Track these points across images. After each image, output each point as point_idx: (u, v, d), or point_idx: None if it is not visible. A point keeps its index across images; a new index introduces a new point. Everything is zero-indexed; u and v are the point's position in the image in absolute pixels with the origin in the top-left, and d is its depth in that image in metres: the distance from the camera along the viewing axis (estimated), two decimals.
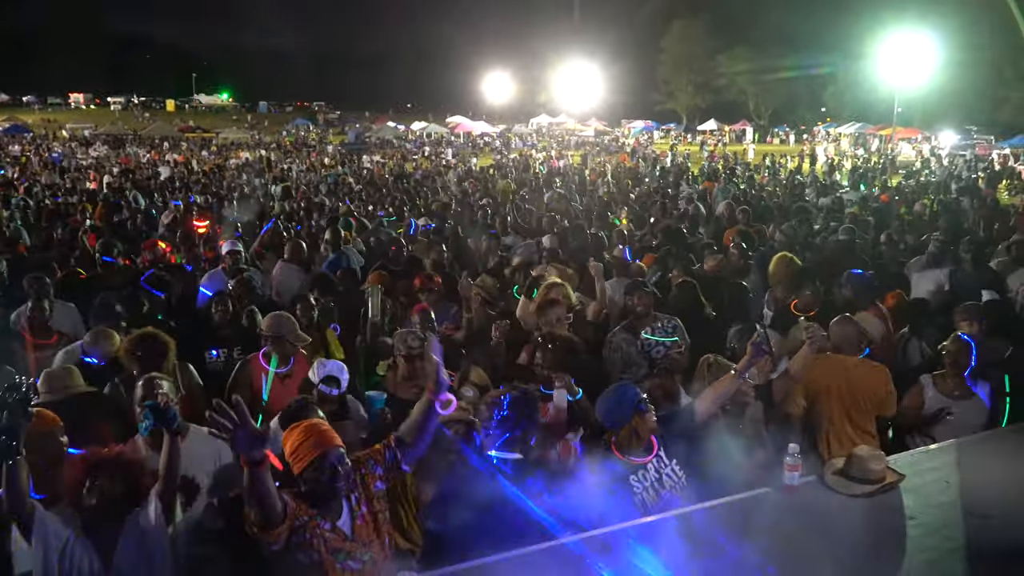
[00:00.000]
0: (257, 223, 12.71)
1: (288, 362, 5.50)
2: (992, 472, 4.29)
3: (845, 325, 5.40)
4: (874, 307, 6.68)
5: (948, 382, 5.37)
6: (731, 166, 32.65)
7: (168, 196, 20.12)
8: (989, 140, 45.68)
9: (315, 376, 4.82)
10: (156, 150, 49.11)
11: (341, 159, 41.09)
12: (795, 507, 3.92)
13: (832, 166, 33.41)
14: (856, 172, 30.16)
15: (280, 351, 5.48)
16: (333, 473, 3.20)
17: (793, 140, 65.18)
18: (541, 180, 24.51)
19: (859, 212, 13.75)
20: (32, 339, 5.91)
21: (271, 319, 5.58)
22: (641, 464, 4.11)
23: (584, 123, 72.78)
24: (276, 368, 5.45)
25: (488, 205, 15.02)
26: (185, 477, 3.96)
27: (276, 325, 5.50)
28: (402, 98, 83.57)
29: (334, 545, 3.20)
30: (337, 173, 29.56)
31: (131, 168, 32.30)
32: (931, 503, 3.90)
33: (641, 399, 4.15)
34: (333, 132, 72.85)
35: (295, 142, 59.47)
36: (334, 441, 3.29)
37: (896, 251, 10.03)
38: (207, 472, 4.20)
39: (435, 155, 47.17)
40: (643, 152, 46.96)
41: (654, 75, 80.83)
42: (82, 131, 65.50)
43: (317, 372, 4.83)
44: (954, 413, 5.22)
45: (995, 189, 23.54)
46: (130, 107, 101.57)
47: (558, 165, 35.02)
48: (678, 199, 16.84)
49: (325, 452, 3.22)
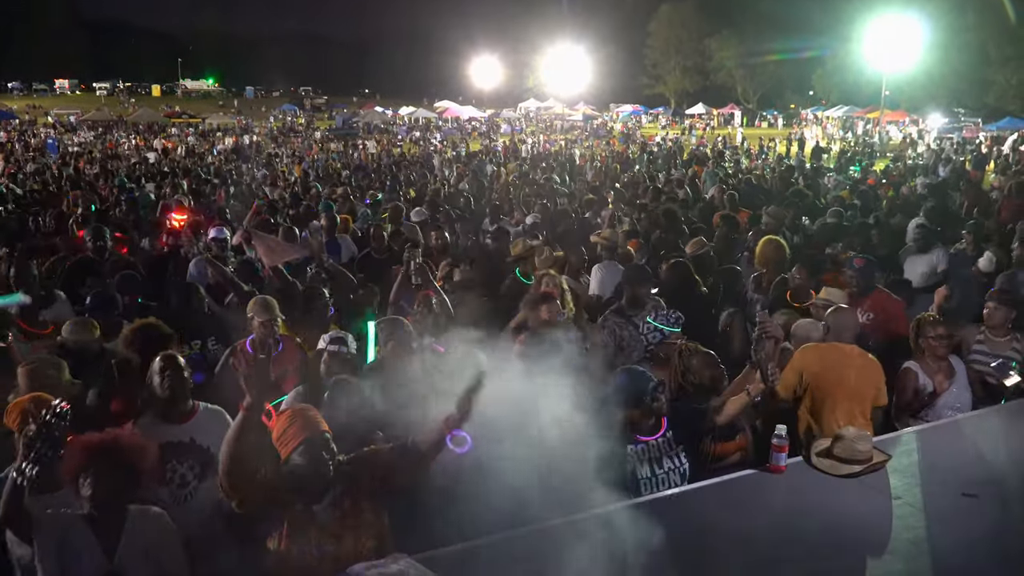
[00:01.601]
0: (246, 210, 12.66)
1: (277, 347, 5.47)
2: (976, 452, 4.37)
3: (843, 315, 5.24)
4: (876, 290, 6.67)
5: (931, 365, 5.41)
6: (719, 150, 32.69)
7: (160, 182, 19.92)
8: (976, 123, 45.87)
9: (324, 343, 4.94)
10: (142, 136, 48.78)
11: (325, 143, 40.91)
12: (782, 487, 3.98)
13: (819, 149, 33.48)
14: (844, 155, 30.27)
15: (268, 335, 5.43)
16: (316, 459, 3.26)
17: (781, 124, 65.24)
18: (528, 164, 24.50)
19: (848, 196, 13.80)
20: (28, 329, 5.88)
21: (257, 303, 5.53)
22: (643, 441, 4.16)
23: (572, 108, 72.60)
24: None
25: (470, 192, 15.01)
26: (199, 447, 4.12)
27: (263, 309, 5.49)
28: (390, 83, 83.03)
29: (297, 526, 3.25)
30: (322, 159, 29.42)
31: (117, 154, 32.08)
32: (916, 483, 3.97)
33: (657, 384, 4.19)
34: (319, 118, 72.42)
35: (282, 127, 59.14)
36: (320, 427, 3.34)
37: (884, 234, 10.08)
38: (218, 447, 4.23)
39: (423, 140, 47.03)
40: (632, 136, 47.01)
41: (642, 59, 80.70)
42: (67, 117, 64.78)
43: (326, 338, 4.96)
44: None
45: (982, 171, 23.67)
46: (116, 92, 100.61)
47: (548, 149, 35.01)
48: (670, 183, 16.87)
49: (310, 437, 3.28)
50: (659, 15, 77.59)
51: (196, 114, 70.42)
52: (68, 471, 3.34)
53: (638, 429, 4.17)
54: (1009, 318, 5.77)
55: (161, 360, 4.21)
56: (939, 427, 4.89)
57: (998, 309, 5.78)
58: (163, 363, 4.18)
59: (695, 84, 78.72)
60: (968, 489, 3.82)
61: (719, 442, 4.50)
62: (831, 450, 4.15)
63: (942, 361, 5.43)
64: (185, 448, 4.12)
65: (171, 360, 4.22)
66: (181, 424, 4.18)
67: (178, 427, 4.16)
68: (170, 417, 4.18)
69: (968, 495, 3.78)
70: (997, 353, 5.65)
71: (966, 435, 4.66)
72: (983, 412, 5.13)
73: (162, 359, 4.22)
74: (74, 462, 3.32)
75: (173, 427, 4.15)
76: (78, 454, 3.33)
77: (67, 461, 3.31)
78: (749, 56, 68.44)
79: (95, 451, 3.35)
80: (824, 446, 4.23)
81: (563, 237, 9.17)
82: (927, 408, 5.34)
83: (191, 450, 4.13)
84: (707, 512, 3.77)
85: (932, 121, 48.22)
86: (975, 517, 3.65)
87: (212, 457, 4.01)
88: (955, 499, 3.78)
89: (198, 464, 4.11)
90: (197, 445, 4.14)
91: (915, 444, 4.47)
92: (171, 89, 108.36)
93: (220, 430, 4.05)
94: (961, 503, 3.74)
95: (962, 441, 4.55)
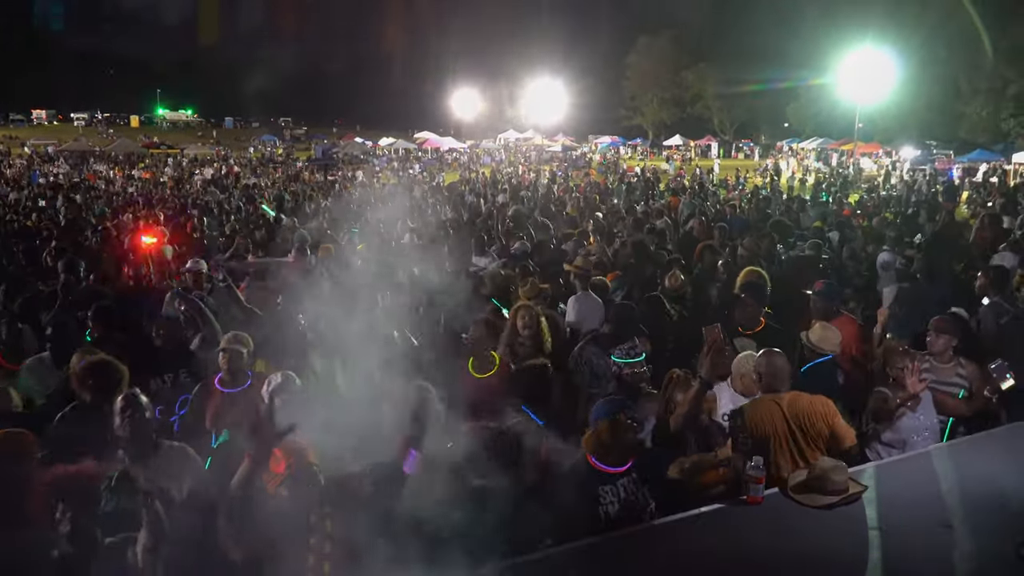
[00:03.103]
0: (223, 239, 12.61)
1: (245, 381, 5.43)
2: (954, 483, 4.37)
3: (773, 358, 4.87)
4: (842, 315, 6.72)
5: (902, 392, 5.31)
6: (698, 180, 33.01)
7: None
8: (948, 155, 46.63)
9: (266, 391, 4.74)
10: (120, 167, 48.54)
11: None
12: (759, 519, 3.96)
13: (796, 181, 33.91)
14: (819, 186, 30.67)
15: (236, 368, 5.42)
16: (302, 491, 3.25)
17: (758, 155, 66.01)
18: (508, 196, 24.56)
19: (821, 225, 13.94)
20: (6, 364, 5.82)
21: (229, 339, 5.51)
22: (610, 474, 4.13)
23: (552, 139, 73.13)
24: (230, 388, 5.37)
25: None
26: (161, 488, 3.96)
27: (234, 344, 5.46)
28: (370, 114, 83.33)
29: None
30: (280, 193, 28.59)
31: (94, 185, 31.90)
32: (894, 514, 3.97)
33: (625, 408, 4.20)
34: (299, 148, 72.44)
35: (261, 158, 59.09)
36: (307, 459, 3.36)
37: (860, 265, 10.19)
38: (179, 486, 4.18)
39: (402, 170, 47.13)
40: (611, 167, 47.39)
41: (620, 91, 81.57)
42: (44, 147, 64.39)
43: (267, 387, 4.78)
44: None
45: (955, 203, 23.98)
46: (94, 123, 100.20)
47: (527, 180, 35.18)
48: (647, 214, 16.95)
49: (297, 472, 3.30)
50: (637, 48, 78.54)
51: (175, 144, 70.26)
52: (38, 507, 3.24)
53: (604, 455, 4.14)
54: (950, 345, 5.78)
55: (122, 400, 4.16)
56: (915, 457, 4.90)
57: (939, 337, 5.79)
58: (124, 403, 4.14)
59: (672, 116, 79.57)
60: (945, 520, 3.82)
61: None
62: (808, 481, 4.14)
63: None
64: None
65: (132, 400, 4.16)
66: (144, 462, 4.10)
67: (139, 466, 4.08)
68: (133, 456, 4.11)
69: (945, 526, 3.78)
70: (943, 380, 5.67)
71: (942, 466, 4.66)
72: (958, 443, 5.16)
73: (123, 399, 4.17)
74: (44, 497, 3.23)
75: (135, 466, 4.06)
76: (48, 488, 3.25)
77: (37, 497, 3.24)
78: (726, 88, 69.33)
79: (66, 484, 3.28)
80: (801, 478, 4.22)
81: (543, 267, 9.18)
82: (889, 426, 5.26)
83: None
84: (684, 544, 3.74)
85: (905, 153, 49.00)
86: (952, 548, 3.65)
87: (172, 498, 3.99)
88: (932, 530, 3.78)
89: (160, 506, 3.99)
90: (156, 486, 4.03)
91: (892, 475, 4.47)
92: (149, 120, 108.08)
93: (182, 469, 4.00)
94: (938, 534, 3.74)
95: (938, 472, 4.55)
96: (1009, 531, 3.67)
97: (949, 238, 11.70)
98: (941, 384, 5.64)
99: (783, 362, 4.89)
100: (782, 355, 4.95)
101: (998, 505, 4.01)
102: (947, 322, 5.95)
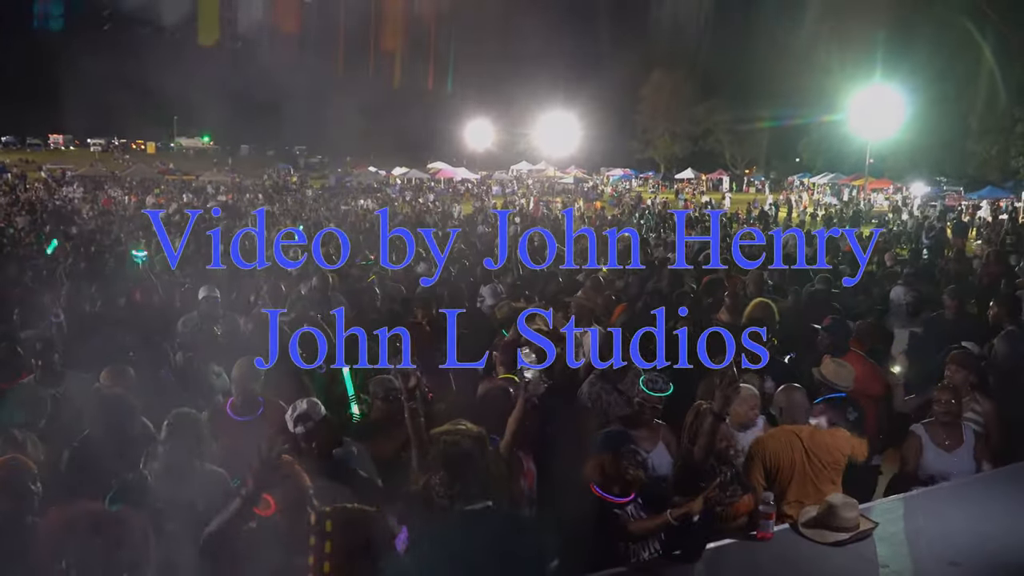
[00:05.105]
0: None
1: (256, 410, 5.39)
2: (962, 521, 4.36)
3: (792, 392, 5.04)
4: (851, 353, 6.69)
5: (940, 431, 5.26)
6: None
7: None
8: (958, 191, 46.67)
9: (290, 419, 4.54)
10: (134, 192, 48.93)
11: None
12: (769, 556, 3.96)
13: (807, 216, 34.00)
14: (831, 221, 30.72)
15: (247, 398, 5.38)
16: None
17: (768, 189, 66.14)
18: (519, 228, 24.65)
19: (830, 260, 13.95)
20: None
21: (239, 366, 5.48)
22: (617, 504, 4.13)
23: (564, 170, 73.46)
24: (243, 416, 5.31)
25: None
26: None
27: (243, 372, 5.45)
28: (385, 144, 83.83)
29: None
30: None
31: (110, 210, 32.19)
32: (903, 551, 3.96)
33: (626, 440, 4.21)
34: (313, 176, 72.91)
35: (275, 186, 59.45)
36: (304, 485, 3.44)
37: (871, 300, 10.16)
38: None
39: (416, 200, 47.37)
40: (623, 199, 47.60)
41: (632, 124, 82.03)
42: (61, 172, 65.02)
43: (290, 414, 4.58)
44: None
45: (964, 239, 23.97)
46: (110, 149, 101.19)
47: (540, 212, 35.31)
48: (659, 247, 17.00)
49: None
50: (650, 82, 79.04)
51: (190, 171, 70.77)
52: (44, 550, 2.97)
53: (608, 486, 4.15)
54: (968, 380, 5.75)
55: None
56: (926, 494, 4.89)
57: (959, 371, 5.77)
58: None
59: (684, 149, 79.87)
60: (955, 558, 3.81)
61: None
62: (818, 518, 4.14)
63: (950, 428, 5.28)
64: None
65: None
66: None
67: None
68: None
69: (955, 564, 3.77)
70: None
71: (954, 502, 4.65)
72: (970, 479, 5.12)
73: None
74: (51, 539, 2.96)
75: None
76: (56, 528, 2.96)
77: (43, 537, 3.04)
78: (737, 123, 69.64)
79: (76, 524, 2.93)
80: (811, 514, 4.22)
81: (554, 298, 9.19)
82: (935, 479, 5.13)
83: None
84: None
85: (915, 189, 49.04)
86: None
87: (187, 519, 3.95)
88: (943, 568, 3.77)
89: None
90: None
91: (902, 511, 4.46)
92: (166, 146, 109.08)
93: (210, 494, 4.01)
94: (948, 572, 3.73)
95: (950, 509, 4.54)
96: (1017, 570, 3.66)
97: (959, 275, 11.71)
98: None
99: (801, 396, 5.01)
100: (801, 389, 5.09)
101: (1006, 543, 4.00)
102: (967, 356, 5.97)
